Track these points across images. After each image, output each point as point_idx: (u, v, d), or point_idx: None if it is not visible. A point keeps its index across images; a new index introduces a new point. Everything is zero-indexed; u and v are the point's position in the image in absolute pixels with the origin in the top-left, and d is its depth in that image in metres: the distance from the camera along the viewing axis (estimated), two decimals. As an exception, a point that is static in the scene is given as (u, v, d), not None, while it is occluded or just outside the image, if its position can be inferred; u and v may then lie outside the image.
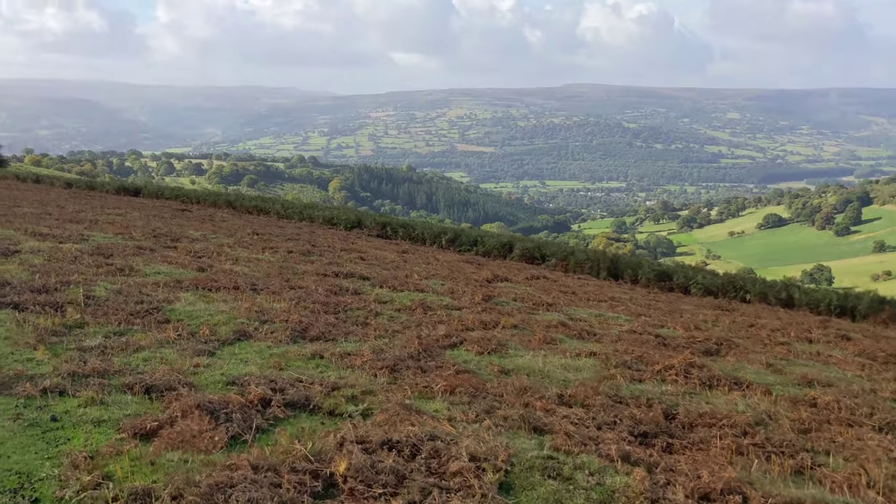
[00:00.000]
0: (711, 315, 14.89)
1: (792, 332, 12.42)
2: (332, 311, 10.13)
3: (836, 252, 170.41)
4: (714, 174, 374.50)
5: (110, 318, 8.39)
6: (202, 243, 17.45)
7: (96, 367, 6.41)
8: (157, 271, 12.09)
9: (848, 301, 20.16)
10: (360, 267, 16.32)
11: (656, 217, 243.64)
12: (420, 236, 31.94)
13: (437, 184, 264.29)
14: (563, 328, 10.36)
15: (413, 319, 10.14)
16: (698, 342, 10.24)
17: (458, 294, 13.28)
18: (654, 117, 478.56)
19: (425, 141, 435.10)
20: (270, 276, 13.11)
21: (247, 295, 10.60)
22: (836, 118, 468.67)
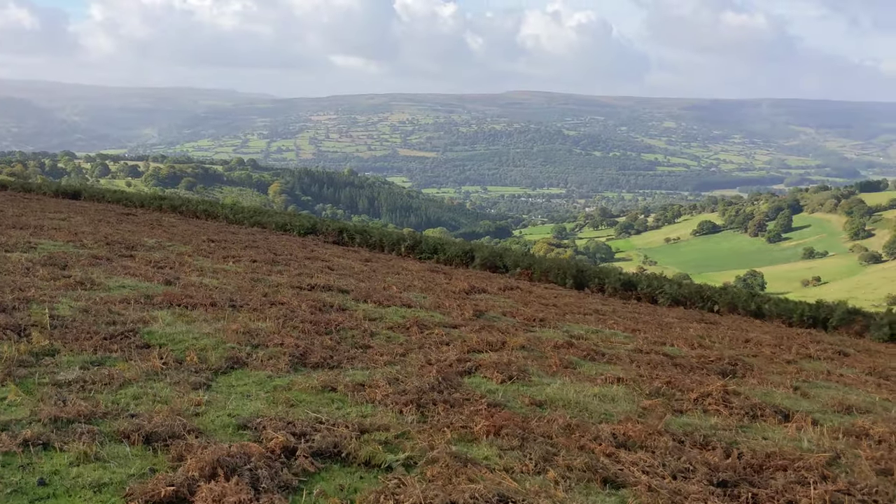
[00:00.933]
0: (700, 329, 14.50)
1: (791, 349, 12.08)
2: (323, 331, 9.25)
3: (769, 258, 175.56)
4: (651, 181, 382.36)
5: (83, 343, 7.34)
6: (160, 252, 16.26)
7: (81, 409, 5.41)
8: (121, 285, 10.97)
9: (820, 312, 20.15)
10: (333, 278, 15.41)
11: (595, 223, 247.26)
12: (378, 243, 31.07)
13: (380, 188, 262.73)
14: (572, 349, 9.70)
15: (413, 340, 9.34)
16: (711, 362, 9.73)
17: (445, 309, 12.53)
18: (594, 125, 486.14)
19: (367, 145, 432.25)
20: (244, 289, 12.12)
21: (227, 313, 9.63)
22: (767, 128, 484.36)
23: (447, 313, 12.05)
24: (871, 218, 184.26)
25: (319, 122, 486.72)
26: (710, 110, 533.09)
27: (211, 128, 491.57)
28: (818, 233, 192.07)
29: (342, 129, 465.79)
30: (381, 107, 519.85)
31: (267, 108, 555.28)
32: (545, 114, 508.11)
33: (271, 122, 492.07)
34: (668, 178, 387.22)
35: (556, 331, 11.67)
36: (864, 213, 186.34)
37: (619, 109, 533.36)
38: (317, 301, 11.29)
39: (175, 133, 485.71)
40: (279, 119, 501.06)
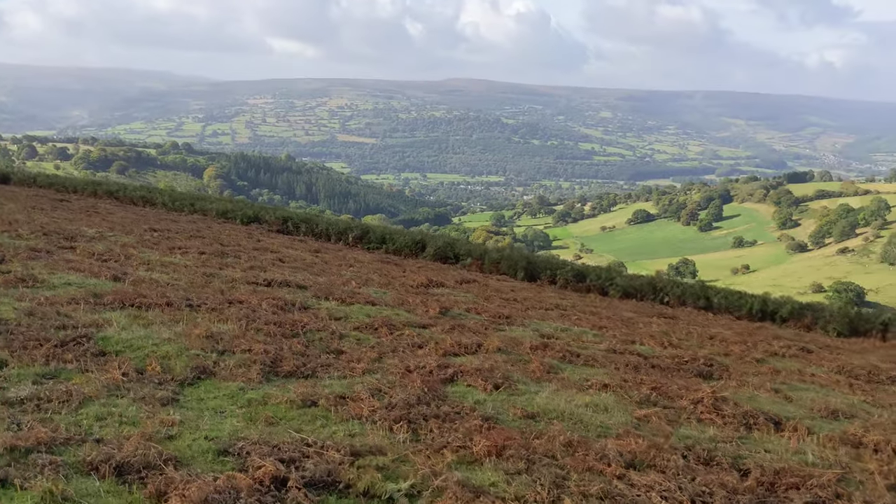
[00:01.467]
0: (662, 324, 14.45)
1: (757, 347, 12.09)
2: (290, 333, 8.72)
3: (700, 247, 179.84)
4: (587, 170, 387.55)
5: (33, 352, 6.65)
6: (102, 243, 15.34)
7: (40, 435, 4.79)
8: (66, 282, 10.18)
9: (768, 306, 20.45)
10: (287, 272, 14.79)
11: (533, 211, 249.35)
12: (324, 232, 30.37)
13: (318, 174, 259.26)
14: (548, 350, 9.41)
15: (385, 343, 8.88)
16: (686, 363, 9.58)
17: (410, 306, 12.10)
18: (532, 114, 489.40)
19: (305, 130, 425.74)
20: (197, 285, 11.44)
21: (185, 314, 8.99)
22: (700, 119, 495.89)
23: (412, 310, 11.63)
24: (797, 208, 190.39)
25: (256, 105, 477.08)
26: (646, 101, 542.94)
27: (144, 110, 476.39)
28: (747, 222, 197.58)
29: (279, 114, 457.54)
30: (319, 91, 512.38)
31: (202, 91, 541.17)
32: (485, 102, 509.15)
33: (207, 106, 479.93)
34: (604, 167, 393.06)
35: (525, 329, 11.38)
36: (791, 203, 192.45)
37: (557, 99, 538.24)
38: (277, 299, 10.71)
39: (107, 115, 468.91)
40: (215, 102, 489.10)
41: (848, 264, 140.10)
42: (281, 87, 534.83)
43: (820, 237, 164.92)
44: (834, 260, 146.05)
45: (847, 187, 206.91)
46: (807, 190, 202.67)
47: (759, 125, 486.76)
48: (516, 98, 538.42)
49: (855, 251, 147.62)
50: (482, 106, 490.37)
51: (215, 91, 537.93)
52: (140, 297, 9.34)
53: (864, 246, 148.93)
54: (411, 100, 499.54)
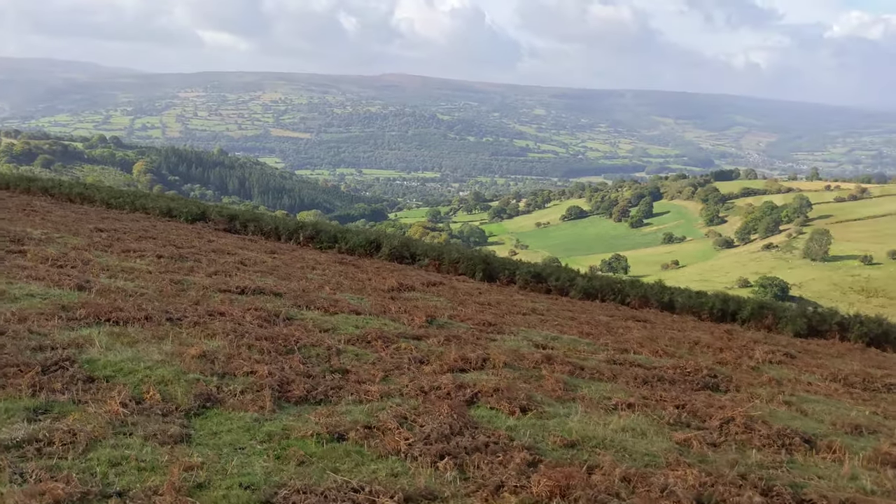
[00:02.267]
0: (640, 329, 14.29)
1: (743, 352, 12.00)
2: (284, 349, 8.10)
3: (631, 242, 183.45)
4: (522, 167, 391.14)
5: (15, 380, 5.88)
6: (53, 246, 14.27)
7: (55, 492, 4.11)
8: (28, 293, 9.28)
9: (729, 306, 20.60)
10: (254, 277, 14.04)
11: (469, 207, 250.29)
12: (274, 231, 29.45)
13: (251, 169, 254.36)
14: (553, 364, 9.03)
15: (386, 359, 8.34)
16: (689, 374, 9.34)
17: (392, 314, 11.57)
18: (467, 110, 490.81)
19: (238, 124, 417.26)
20: (168, 294, 10.65)
21: (167, 329, 8.26)
22: (630, 118, 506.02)
23: (397, 319, 11.11)
24: (724, 205, 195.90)
25: (187, 99, 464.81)
26: (578, 99, 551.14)
27: (70, 102, 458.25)
28: (677, 219, 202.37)
29: (211, 107, 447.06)
30: (252, 85, 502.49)
31: (131, 83, 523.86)
32: (420, 98, 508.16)
33: (136, 98, 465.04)
34: (538, 163, 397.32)
35: (516, 338, 10.99)
36: (718, 200, 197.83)
37: (492, 95, 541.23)
38: (258, 310, 10.03)
39: (30, 107, 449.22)
40: (144, 95, 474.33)
41: (772, 260, 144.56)
42: (213, 80, 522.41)
43: (745, 234, 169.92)
44: (759, 255, 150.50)
45: (771, 185, 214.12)
46: (733, 188, 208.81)
47: (688, 124, 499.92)
48: (452, 94, 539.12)
49: (779, 247, 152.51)
50: (418, 102, 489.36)
51: (145, 83, 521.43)
52: (116, 311, 8.55)
53: (788, 242, 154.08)
54: (346, 95, 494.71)
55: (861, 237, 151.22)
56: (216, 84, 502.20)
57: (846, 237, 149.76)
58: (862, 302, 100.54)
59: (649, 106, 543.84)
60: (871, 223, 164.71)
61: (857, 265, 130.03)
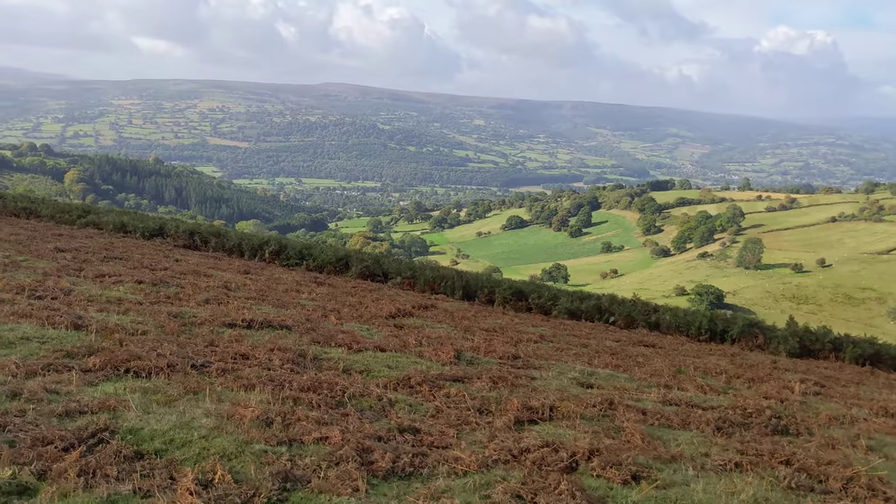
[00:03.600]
0: (652, 354, 13.80)
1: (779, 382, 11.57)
2: (332, 402, 7.20)
3: (571, 252, 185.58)
4: (462, 177, 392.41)
5: (54, 464, 4.85)
6: (22, 272, 12.93)
7: None
8: (22, 335, 8.11)
9: (717, 325, 20.34)
10: (249, 305, 13.02)
11: (410, 217, 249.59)
12: (237, 247, 28.17)
13: (188, 178, 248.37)
14: (615, 408, 8.32)
15: (444, 409, 7.50)
16: (752, 415, 8.79)
17: (414, 348, 10.73)
18: (407, 120, 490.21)
19: (174, 133, 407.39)
20: (171, 332, 9.61)
21: (198, 379, 7.28)
22: (568, 129, 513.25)
23: (422, 355, 10.31)
24: (660, 215, 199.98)
25: (122, 106, 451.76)
26: (517, 110, 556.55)
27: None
28: (614, 228, 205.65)
29: (147, 115, 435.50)
30: (189, 93, 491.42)
31: (62, 90, 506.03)
32: (360, 107, 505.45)
33: (67, 105, 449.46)
34: (478, 174, 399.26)
35: (550, 374, 10.31)
36: (655, 210, 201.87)
37: (431, 106, 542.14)
38: (281, 349, 9.09)
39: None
40: (76, 102, 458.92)
41: (707, 268, 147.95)
42: (148, 87, 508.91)
43: (681, 242, 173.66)
44: (695, 264, 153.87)
45: (705, 195, 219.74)
46: (668, 197, 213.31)
47: (624, 135, 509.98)
48: (392, 104, 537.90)
49: (713, 255, 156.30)
50: (358, 111, 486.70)
51: (77, 90, 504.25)
52: (133, 359, 7.51)
53: (722, 251, 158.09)
54: (286, 103, 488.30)
55: (791, 246, 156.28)
56: (152, 92, 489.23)
57: (777, 246, 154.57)
58: (793, 309, 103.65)
59: (586, 117, 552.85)
60: (800, 232, 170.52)
61: (789, 273, 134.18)
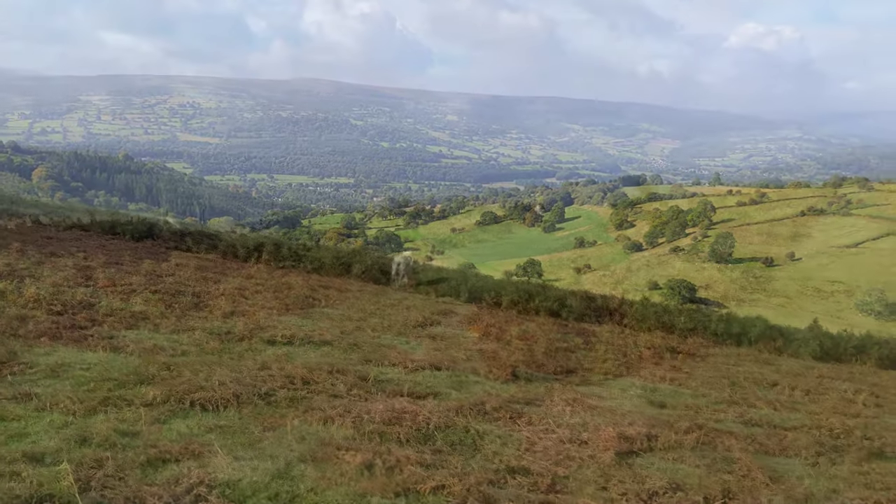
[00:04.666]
0: (695, 363, 13.33)
1: (842, 397, 11.13)
2: (418, 436, 6.54)
3: (545, 247, 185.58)
4: (436, 173, 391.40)
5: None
6: (32, 283, 12.04)
7: None
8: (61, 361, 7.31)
9: (733, 327, 19.92)
10: (276, 317, 12.31)
11: (384, 213, 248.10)
12: (231, 249, 27.35)
13: (159, 174, 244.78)
14: (710, 435, 7.77)
15: (536, 441, 6.91)
16: (840, 436, 8.31)
17: (465, 365, 10.14)
18: (380, 116, 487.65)
19: (144, 129, 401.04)
20: (215, 351, 8.90)
21: (269, 411, 6.61)
22: (540, 124, 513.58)
23: (476, 372, 9.73)
24: (632, 210, 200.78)
25: (90, 102, 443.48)
26: (490, 106, 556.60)
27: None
28: (587, 223, 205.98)
29: (116, 111, 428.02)
30: (158, 88, 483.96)
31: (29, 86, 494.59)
32: (332, 103, 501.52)
33: (34, 101, 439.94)
34: (451, 169, 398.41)
35: (613, 391, 9.78)
36: (627, 205, 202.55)
37: (404, 101, 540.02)
38: (340, 372, 8.44)
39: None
40: (44, 98, 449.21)
41: (680, 262, 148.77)
42: (117, 83, 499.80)
43: (653, 237, 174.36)
44: (667, 258, 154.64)
45: (676, 190, 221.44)
46: (640, 193, 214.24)
47: (596, 130, 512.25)
48: (364, 100, 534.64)
49: (685, 250, 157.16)
50: (330, 107, 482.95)
51: (43, 86, 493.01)
52: (195, 390, 6.80)
53: (694, 245, 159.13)
54: (257, 99, 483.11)
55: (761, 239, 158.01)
56: (120, 87, 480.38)
57: (748, 240, 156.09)
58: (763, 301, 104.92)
59: (559, 113, 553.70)
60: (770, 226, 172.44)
61: (759, 266, 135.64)
